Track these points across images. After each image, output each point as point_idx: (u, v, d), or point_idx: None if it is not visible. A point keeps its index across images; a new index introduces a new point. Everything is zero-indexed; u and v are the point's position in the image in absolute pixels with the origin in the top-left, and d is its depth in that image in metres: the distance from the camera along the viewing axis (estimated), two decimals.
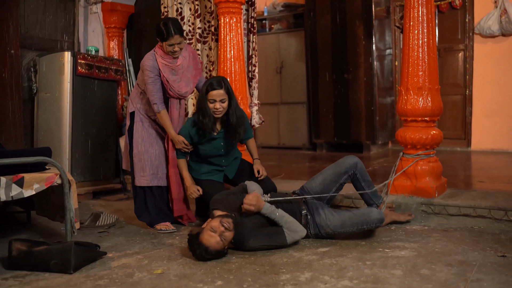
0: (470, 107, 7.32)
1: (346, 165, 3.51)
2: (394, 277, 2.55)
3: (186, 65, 3.79)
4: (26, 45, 5.34)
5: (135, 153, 3.82)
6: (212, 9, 5.06)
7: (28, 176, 2.99)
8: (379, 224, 3.25)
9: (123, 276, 2.70)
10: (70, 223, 3.09)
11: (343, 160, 3.54)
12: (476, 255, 2.88)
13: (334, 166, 3.55)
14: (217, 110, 3.52)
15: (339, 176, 3.51)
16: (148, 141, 3.82)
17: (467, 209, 3.59)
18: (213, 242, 2.88)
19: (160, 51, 3.71)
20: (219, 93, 3.50)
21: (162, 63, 3.68)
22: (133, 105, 3.87)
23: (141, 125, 3.82)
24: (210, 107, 3.52)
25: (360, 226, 3.22)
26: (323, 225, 3.25)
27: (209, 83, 3.53)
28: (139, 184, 3.81)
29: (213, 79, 3.58)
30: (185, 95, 3.81)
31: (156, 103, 3.69)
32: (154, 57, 3.69)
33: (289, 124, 8.17)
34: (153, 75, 3.66)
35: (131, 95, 3.93)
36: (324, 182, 3.50)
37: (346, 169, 3.50)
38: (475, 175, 5.20)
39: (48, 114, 5.15)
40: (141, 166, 3.79)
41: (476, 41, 7.22)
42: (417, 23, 3.82)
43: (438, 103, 3.86)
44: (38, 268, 2.79)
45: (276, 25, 8.29)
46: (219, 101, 3.50)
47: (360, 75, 7.21)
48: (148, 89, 3.69)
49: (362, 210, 3.29)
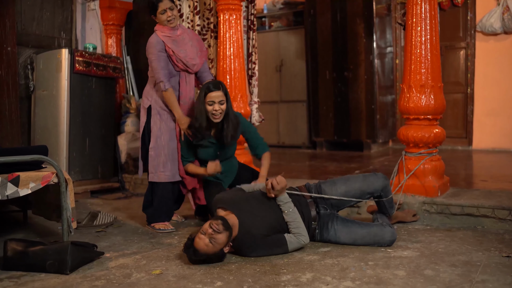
0: (472, 106, 7.26)
1: (376, 187, 3.27)
2: (397, 278, 2.49)
3: (188, 38, 3.78)
4: (23, 42, 5.28)
5: (152, 147, 3.68)
6: (211, 6, 5.01)
7: (24, 174, 2.93)
8: (390, 244, 3.08)
9: (120, 276, 2.65)
10: (67, 222, 3.03)
11: (374, 180, 3.28)
12: (480, 255, 2.83)
13: (362, 182, 3.28)
14: (217, 112, 3.46)
15: (364, 194, 3.28)
16: (168, 134, 3.70)
17: (470, 208, 3.54)
18: (202, 244, 2.75)
19: (159, 27, 3.73)
20: (218, 94, 3.46)
21: (163, 35, 3.67)
22: (148, 99, 3.75)
23: (159, 118, 3.70)
24: (209, 109, 3.46)
25: (371, 245, 3.08)
26: (332, 240, 3.14)
27: (206, 86, 3.50)
28: (158, 180, 3.68)
29: (209, 82, 3.56)
30: (192, 67, 3.74)
31: (163, 81, 3.59)
32: (155, 34, 3.70)
33: (289, 122, 8.12)
34: (156, 51, 3.62)
35: (145, 91, 3.81)
36: (347, 194, 3.24)
37: (374, 191, 3.28)
38: (477, 174, 5.15)
39: (45, 112, 5.09)
40: (160, 161, 3.67)
41: (478, 39, 7.17)
42: (420, 20, 3.77)
43: (441, 101, 3.81)
44: (33, 268, 2.74)
45: (276, 23, 8.23)
46: (218, 102, 3.45)
47: (361, 73, 7.16)
48: (153, 67, 3.63)
49: (375, 230, 3.09)
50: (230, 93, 4.63)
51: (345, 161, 6.29)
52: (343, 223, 3.15)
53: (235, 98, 4.63)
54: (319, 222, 3.16)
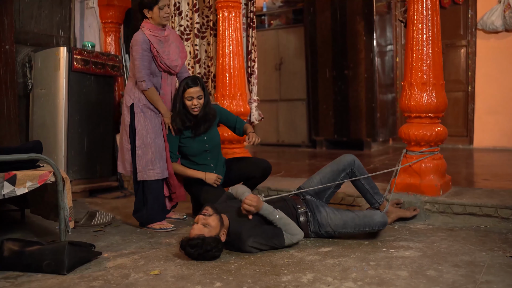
0: (473, 104, 7.22)
1: (344, 162, 3.44)
2: (399, 279, 2.46)
3: (172, 39, 3.78)
4: (21, 41, 5.24)
5: (139, 146, 3.63)
6: (210, 3, 4.96)
7: (20, 173, 2.89)
8: (382, 227, 3.15)
9: (118, 277, 2.61)
10: (64, 222, 2.99)
11: (340, 158, 3.48)
12: (484, 255, 2.79)
13: (331, 164, 3.49)
14: (196, 106, 3.65)
15: (337, 174, 3.44)
16: (153, 132, 3.65)
17: (472, 207, 3.50)
18: (196, 230, 2.84)
19: (148, 25, 3.68)
20: (196, 90, 3.64)
21: (151, 34, 3.64)
22: (130, 97, 3.68)
23: (143, 116, 3.64)
24: (188, 104, 3.66)
25: (362, 228, 3.13)
26: (324, 223, 3.17)
27: (185, 82, 3.67)
28: (148, 178, 3.62)
29: (187, 78, 3.71)
30: (174, 69, 3.77)
31: (145, 80, 3.58)
32: (142, 32, 3.65)
33: (289, 121, 8.08)
34: (141, 50, 3.58)
35: (127, 88, 3.75)
36: (322, 180, 3.42)
37: (344, 167, 3.44)
38: (479, 173, 5.11)
39: (44, 111, 5.05)
40: (148, 159, 3.62)
41: (478, 37, 7.13)
42: (421, 16, 3.72)
43: (443, 99, 3.77)
44: (30, 268, 2.70)
45: (275, 21, 8.19)
46: (196, 97, 3.65)
47: (361, 72, 7.12)
48: (136, 66, 3.59)
49: (365, 212, 3.20)
50: (229, 91, 4.60)
51: None
52: (336, 208, 3.27)
53: (234, 96, 4.59)
54: (308, 207, 3.23)
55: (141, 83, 3.58)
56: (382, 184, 4.09)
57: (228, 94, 4.60)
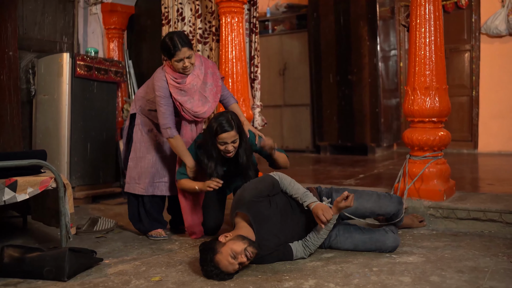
0: (477, 109, 7.19)
1: (388, 211, 3.12)
2: (402, 285, 2.43)
3: (200, 83, 3.42)
4: (25, 47, 5.25)
5: (132, 157, 3.62)
6: (213, 9, 4.97)
7: (21, 179, 2.88)
8: (393, 251, 3.01)
9: (119, 283, 2.60)
10: (66, 228, 2.99)
11: (387, 203, 3.11)
12: (488, 261, 2.76)
13: (374, 203, 3.10)
14: (229, 152, 3.19)
15: (374, 215, 3.16)
16: (145, 147, 3.59)
17: (477, 212, 3.46)
18: (231, 269, 2.58)
19: (169, 69, 3.38)
20: (231, 135, 3.13)
21: (171, 84, 3.34)
22: (135, 106, 3.63)
23: (140, 128, 3.60)
24: (221, 149, 3.18)
25: (373, 251, 3.01)
26: (333, 246, 3.07)
27: (218, 123, 3.12)
28: (133, 191, 3.58)
29: (221, 117, 3.15)
30: (203, 115, 3.44)
31: (170, 127, 3.33)
32: (164, 77, 3.36)
33: (293, 126, 8.06)
34: (165, 98, 3.33)
35: (137, 95, 3.65)
36: (356, 211, 3.08)
37: (385, 214, 3.14)
38: (483, 177, 5.08)
39: (47, 117, 5.05)
40: (136, 173, 3.58)
41: (482, 41, 7.09)
42: (424, 21, 3.71)
43: (446, 103, 3.75)
44: (31, 275, 2.69)
45: (279, 26, 8.18)
46: (230, 143, 3.16)
47: (365, 77, 7.10)
48: (160, 112, 3.35)
49: (377, 236, 3.02)
50: None
51: (349, 165, 6.22)
52: (345, 228, 3.08)
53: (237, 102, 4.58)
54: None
55: (166, 130, 3.34)
56: (385, 188, 4.08)
57: None
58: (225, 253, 2.58)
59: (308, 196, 2.90)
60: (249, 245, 2.63)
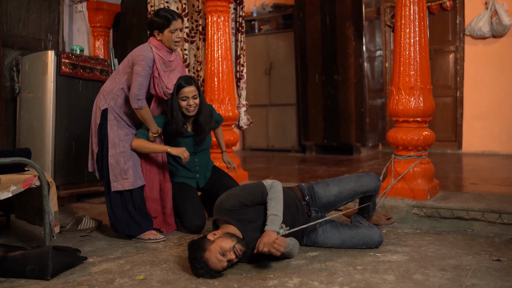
0: (461, 109, 7.26)
1: (369, 187, 3.19)
2: (386, 283, 2.45)
3: (175, 64, 3.58)
4: (9, 44, 5.19)
5: (112, 155, 3.48)
6: (199, 8, 4.96)
7: (4, 177, 2.86)
8: (379, 245, 3.06)
9: (103, 282, 2.58)
10: (49, 226, 2.96)
11: (367, 180, 3.20)
12: (470, 259, 2.79)
13: (355, 182, 3.19)
14: (191, 106, 3.50)
15: (357, 194, 3.21)
16: (125, 140, 3.51)
17: (460, 211, 3.50)
18: (220, 267, 2.59)
19: (156, 42, 3.47)
20: (191, 89, 3.48)
21: (158, 54, 3.45)
22: (106, 101, 3.52)
23: (116, 124, 3.50)
24: (183, 105, 3.49)
25: (360, 247, 3.05)
26: (319, 242, 3.09)
27: (178, 82, 3.49)
28: (122, 188, 3.46)
29: (180, 78, 3.53)
30: (167, 96, 3.56)
31: (141, 99, 3.39)
32: (149, 48, 3.45)
33: (278, 126, 8.08)
34: (148, 68, 3.40)
35: (104, 90, 3.58)
36: (340, 195, 3.17)
37: (367, 191, 3.20)
38: (467, 177, 5.13)
39: (31, 115, 5.00)
40: (121, 168, 3.47)
41: (467, 43, 7.17)
42: (408, 21, 3.74)
43: (430, 103, 3.78)
44: (13, 274, 2.66)
45: (265, 26, 8.20)
46: (191, 97, 3.48)
47: (350, 77, 7.13)
48: (138, 82, 3.37)
49: (364, 231, 3.06)
50: (218, 96, 4.59)
51: (335, 164, 6.25)
52: (332, 225, 3.11)
53: (223, 101, 4.58)
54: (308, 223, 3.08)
55: (137, 101, 3.38)
56: None
57: (217, 98, 4.59)
58: (214, 250, 2.58)
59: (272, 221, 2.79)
60: (238, 243, 2.64)
